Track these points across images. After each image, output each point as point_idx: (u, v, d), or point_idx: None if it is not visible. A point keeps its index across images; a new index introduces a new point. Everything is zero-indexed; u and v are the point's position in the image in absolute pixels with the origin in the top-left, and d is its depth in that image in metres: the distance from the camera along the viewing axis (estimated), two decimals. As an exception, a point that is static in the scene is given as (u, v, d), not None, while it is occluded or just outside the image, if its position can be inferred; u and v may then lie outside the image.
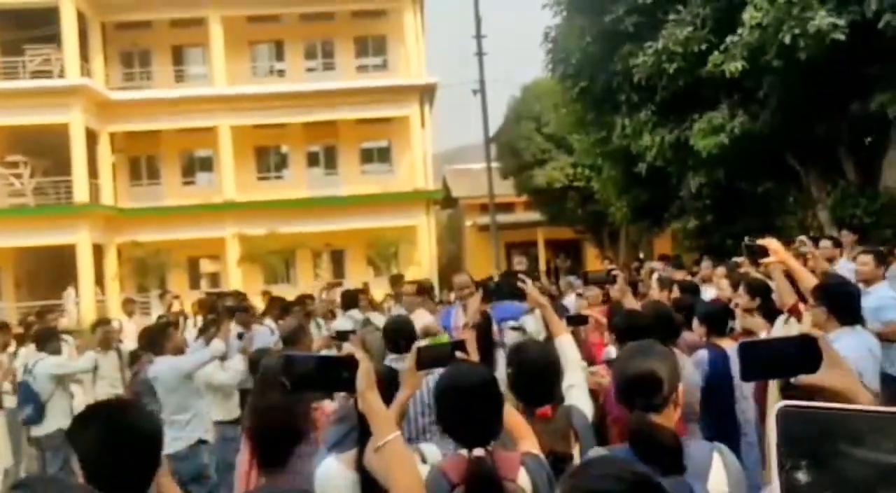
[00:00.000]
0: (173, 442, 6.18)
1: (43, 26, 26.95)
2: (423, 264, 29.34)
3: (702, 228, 18.37)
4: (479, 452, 2.54)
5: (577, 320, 6.35)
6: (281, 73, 32.11)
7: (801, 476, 0.78)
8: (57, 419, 8.20)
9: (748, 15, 11.58)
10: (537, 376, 3.41)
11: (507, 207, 33.01)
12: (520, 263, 31.89)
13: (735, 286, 8.00)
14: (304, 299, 10.85)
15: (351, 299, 10.21)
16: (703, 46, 12.60)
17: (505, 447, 2.77)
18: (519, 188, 29.31)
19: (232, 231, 28.63)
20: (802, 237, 7.82)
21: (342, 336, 6.50)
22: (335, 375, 2.43)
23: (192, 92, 29.65)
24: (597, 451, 2.71)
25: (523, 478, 2.58)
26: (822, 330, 4.76)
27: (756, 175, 15.58)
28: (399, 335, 5.23)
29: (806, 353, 1.95)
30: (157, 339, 7.00)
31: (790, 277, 5.06)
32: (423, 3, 31.56)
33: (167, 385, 6.62)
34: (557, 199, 26.74)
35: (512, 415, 2.92)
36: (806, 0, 11.01)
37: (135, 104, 28.77)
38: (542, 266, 30.46)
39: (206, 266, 31.35)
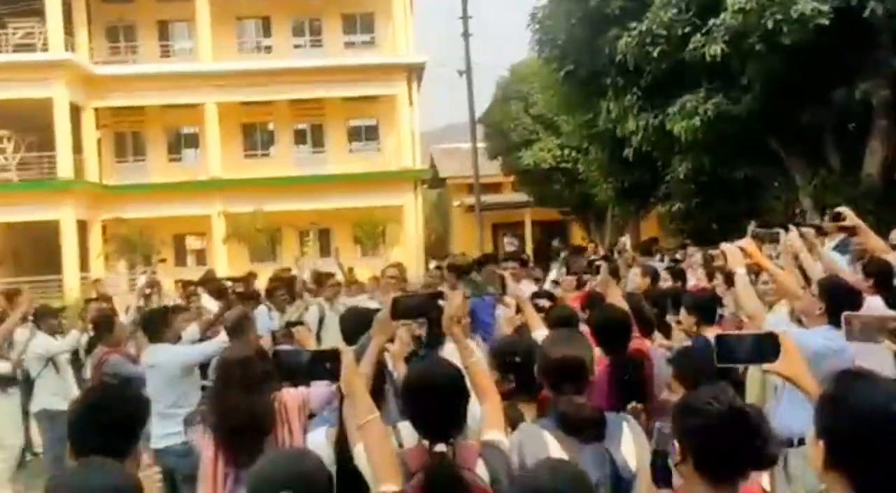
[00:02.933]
0: (169, 437, 5.88)
1: (26, 0, 26.63)
2: (409, 243, 29.32)
3: (687, 211, 18.42)
4: (440, 447, 2.64)
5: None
6: (268, 49, 31.89)
7: None
8: (41, 399, 8.05)
9: (731, 0, 11.54)
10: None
11: (495, 188, 32.95)
12: (510, 243, 31.88)
13: (710, 276, 8.07)
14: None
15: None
16: (687, 29, 12.57)
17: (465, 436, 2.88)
18: (506, 169, 29.25)
19: (218, 209, 28.50)
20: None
21: (293, 325, 6.41)
22: (322, 366, 2.79)
23: (177, 68, 29.45)
24: (526, 425, 3.14)
25: (481, 468, 2.71)
26: (808, 319, 4.82)
27: (741, 160, 15.58)
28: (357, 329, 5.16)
29: (769, 346, 2.41)
30: (156, 324, 6.44)
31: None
32: (411, -21, 31.34)
33: (168, 376, 6.13)
34: (544, 180, 26.68)
35: (482, 376, 3.07)
36: (790, -15, 10.97)
37: (120, 79, 28.52)
38: (529, 247, 30.45)
39: (193, 243, 31.26)
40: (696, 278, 8.44)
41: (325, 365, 2.77)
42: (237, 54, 30.83)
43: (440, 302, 3.25)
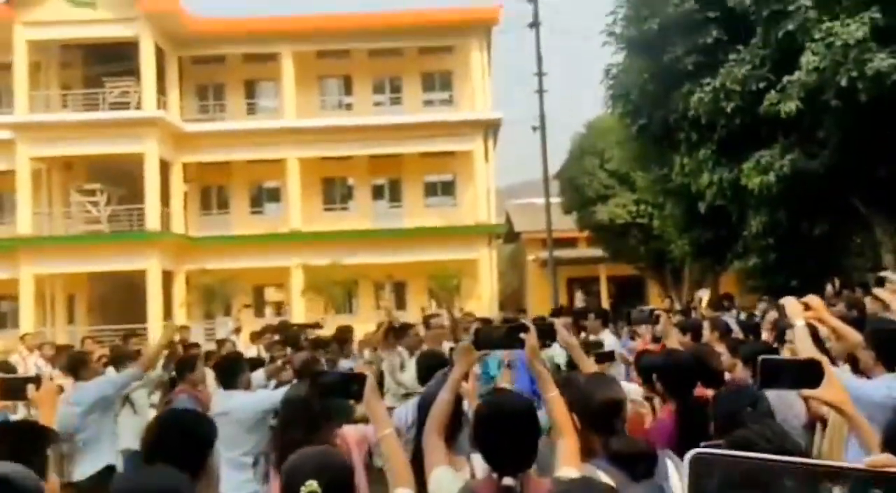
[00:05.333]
0: (241, 485, 5.70)
1: (123, 60, 28.08)
2: (483, 297, 29.39)
3: (764, 267, 18.10)
4: (508, 481, 2.66)
5: (604, 357, 6.35)
6: (349, 106, 32.76)
7: None
8: (123, 439, 8.19)
9: (805, 59, 11.50)
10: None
11: (570, 243, 32.89)
12: (581, 300, 31.70)
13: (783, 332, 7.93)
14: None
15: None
16: (762, 85, 12.54)
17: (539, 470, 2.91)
18: (581, 224, 29.23)
19: (296, 261, 29.12)
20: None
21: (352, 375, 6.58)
22: (350, 386, 3.08)
23: (262, 124, 30.50)
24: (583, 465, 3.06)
25: None
26: (869, 373, 4.73)
27: (819, 215, 15.33)
28: (431, 369, 5.31)
29: (812, 372, 2.43)
30: (230, 370, 6.24)
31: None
32: (490, 39, 31.93)
33: (242, 422, 5.89)
34: (619, 235, 26.59)
35: (561, 412, 3.08)
36: (864, 44, 10.89)
37: (208, 136, 29.69)
38: (606, 302, 30.21)
39: (271, 295, 31.93)
40: (767, 332, 8.30)
41: (352, 387, 3.06)
42: (319, 111, 31.76)
43: (522, 335, 3.23)
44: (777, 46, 12.48)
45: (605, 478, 2.87)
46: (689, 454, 0.85)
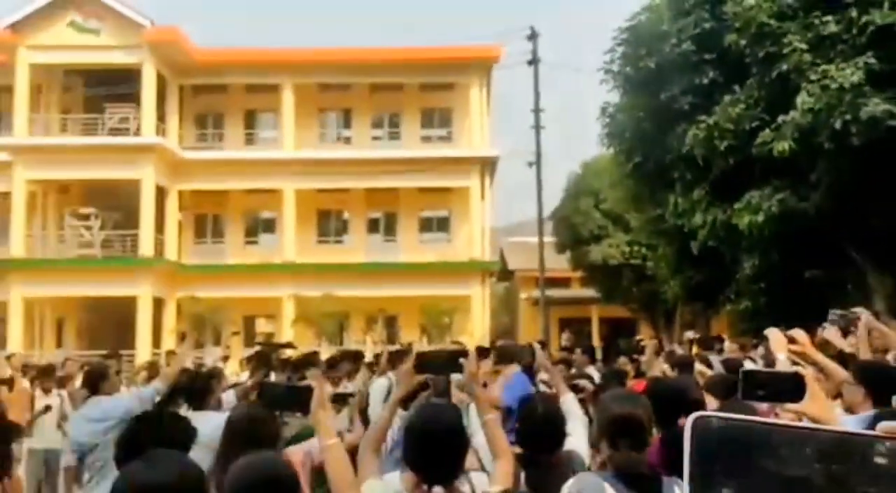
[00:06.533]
0: None
1: (124, 86, 28.20)
2: (475, 334, 29.27)
3: (755, 311, 18.06)
4: (438, 490, 2.77)
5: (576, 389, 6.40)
6: (347, 140, 32.90)
7: (710, 484, 0.79)
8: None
9: (801, 99, 11.58)
10: (543, 429, 3.79)
11: (563, 283, 32.87)
12: (567, 339, 31.60)
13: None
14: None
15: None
16: (755, 124, 12.62)
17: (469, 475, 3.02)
18: (574, 263, 29.24)
19: (289, 292, 29.04)
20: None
21: (340, 399, 6.55)
22: (297, 398, 3.07)
23: (261, 155, 30.58)
24: (587, 474, 3.23)
25: None
26: (855, 410, 4.69)
27: (812, 260, 15.33)
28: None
29: (793, 385, 2.37)
30: (199, 391, 6.18)
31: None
32: (490, 78, 32.20)
33: (211, 445, 5.90)
34: (612, 275, 26.59)
35: (497, 435, 3.23)
36: (859, 88, 10.97)
37: (205, 164, 29.74)
38: (597, 343, 30.08)
39: (262, 325, 31.77)
40: (753, 364, 8.25)
41: (299, 398, 3.05)
42: (318, 144, 31.90)
43: (461, 360, 3.37)
44: (771, 87, 12.57)
45: (608, 488, 2.97)
46: (690, 417, 0.83)
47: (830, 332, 5.35)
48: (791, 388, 2.38)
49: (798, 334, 4.77)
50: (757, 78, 13.06)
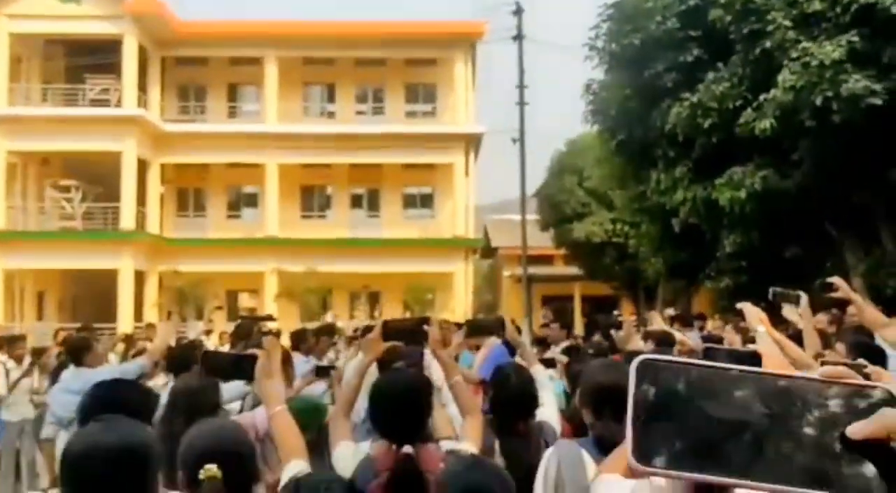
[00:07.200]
0: None
1: (105, 57, 27.88)
2: (457, 311, 29.31)
3: (736, 289, 18.14)
4: (407, 449, 2.86)
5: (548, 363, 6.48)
6: (331, 114, 32.72)
7: (653, 427, 0.79)
8: None
9: (782, 77, 11.58)
10: (516, 398, 3.91)
11: (546, 260, 32.94)
12: (545, 315, 31.66)
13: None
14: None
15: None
16: (738, 103, 12.61)
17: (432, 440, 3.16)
18: (558, 241, 29.28)
19: (271, 266, 28.97)
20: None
21: (323, 369, 6.58)
22: (241, 367, 3.10)
23: (243, 128, 30.36)
24: (565, 442, 3.31)
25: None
26: None
27: (791, 238, 15.40)
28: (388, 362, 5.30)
29: (752, 363, 2.31)
30: (181, 361, 6.03)
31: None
32: (474, 54, 32.05)
33: None
34: (595, 254, 26.65)
35: (464, 395, 3.36)
36: (840, 65, 10.98)
37: (187, 137, 29.50)
38: (579, 321, 30.22)
39: (245, 300, 31.70)
40: (731, 335, 8.32)
41: (244, 367, 3.06)
42: (301, 118, 31.70)
43: (425, 328, 3.56)
44: (755, 65, 12.55)
45: (586, 456, 3.03)
46: (635, 360, 0.83)
47: (788, 310, 5.39)
48: (749, 365, 2.40)
49: (746, 307, 4.82)
50: (741, 55, 13.03)
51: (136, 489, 2.04)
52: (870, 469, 0.75)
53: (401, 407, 2.99)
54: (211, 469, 2.22)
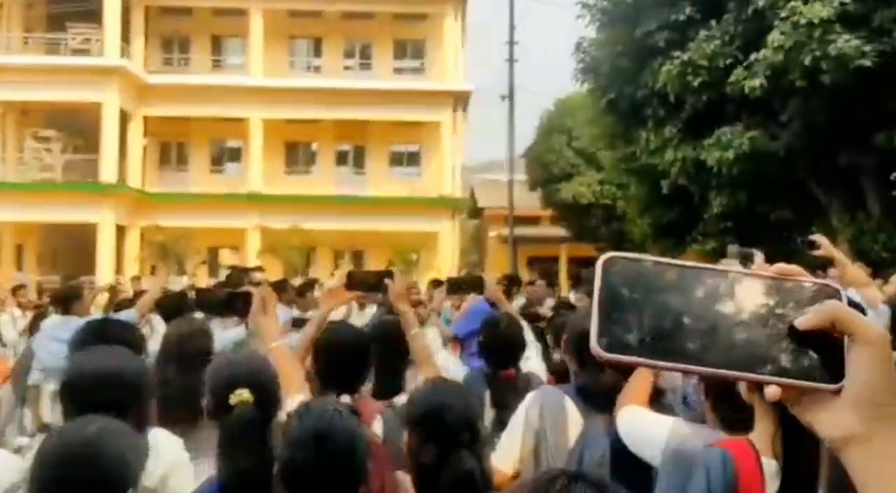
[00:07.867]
0: None
1: (87, 5, 27.26)
2: (442, 270, 29.16)
3: (722, 251, 18.05)
4: (346, 399, 2.93)
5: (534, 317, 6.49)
6: (318, 69, 32.20)
7: (615, 318, 0.81)
8: None
9: (772, 37, 11.38)
10: (506, 345, 4.10)
11: (533, 221, 32.77)
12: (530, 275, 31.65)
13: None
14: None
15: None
16: (728, 61, 12.41)
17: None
18: (545, 201, 29.11)
19: (255, 222, 28.69)
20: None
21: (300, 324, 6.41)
22: (233, 304, 3.44)
23: (227, 81, 29.81)
24: (550, 388, 3.50)
25: (378, 425, 3.02)
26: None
27: (778, 200, 15.29)
28: None
29: None
30: (174, 309, 5.74)
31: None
32: (465, 9, 31.55)
33: None
34: (582, 215, 26.52)
35: (420, 346, 3.43)
36: (829, 24, 10.79)
37: (170, 89, 28.95)
38: (564, 282, 30.17)
39: (227, 257, 31.42)
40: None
41: (237, 304, 3.29)
42: (287, 72, 31.20)
43: (386, 281, 3.61)
44: (747, 24, 12.35)
45: (567, 401, 3.16)
46: (601, 258, 0.84)
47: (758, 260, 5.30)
48: None
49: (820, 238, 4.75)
50: (733, 14, 12.84)
51: (131, 410, 2.25)
52: (813, 357, 0.80)
53: (343, 360, 3.10)
54: (243, 394, 2.27)
